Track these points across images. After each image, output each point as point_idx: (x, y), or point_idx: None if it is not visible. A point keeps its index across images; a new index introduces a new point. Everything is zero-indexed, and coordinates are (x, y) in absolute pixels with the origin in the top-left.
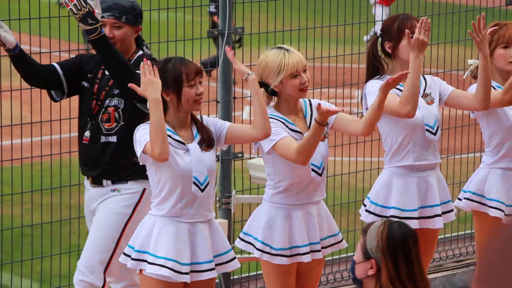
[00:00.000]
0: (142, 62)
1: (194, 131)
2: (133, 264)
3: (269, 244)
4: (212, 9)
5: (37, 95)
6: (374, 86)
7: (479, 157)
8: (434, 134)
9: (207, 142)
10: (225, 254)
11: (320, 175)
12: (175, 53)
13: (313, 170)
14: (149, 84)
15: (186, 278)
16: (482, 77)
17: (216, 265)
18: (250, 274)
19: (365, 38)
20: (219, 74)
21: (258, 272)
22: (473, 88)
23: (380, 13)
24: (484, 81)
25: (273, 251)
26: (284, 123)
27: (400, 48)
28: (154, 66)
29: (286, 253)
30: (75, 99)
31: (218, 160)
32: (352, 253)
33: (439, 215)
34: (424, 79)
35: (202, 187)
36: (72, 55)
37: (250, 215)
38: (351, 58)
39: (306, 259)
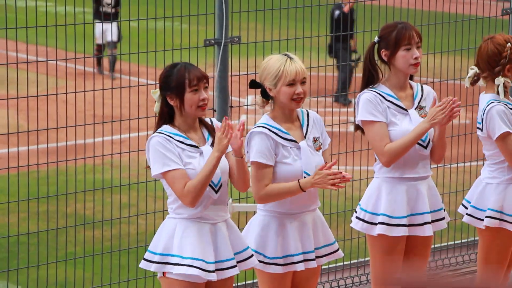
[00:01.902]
0: (224, 119)
1: (206, 133)
2: (157, 267)
3: (263, 253)
4: None
5: (33, 103)
6: (366, 97)
7: (475, 166)
8: (425, 147)
9: None
10: (244, 252)
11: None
12: (172, 61)
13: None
14: (218, 140)
15: (214, 276)
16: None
17: (237, 262)
18: (247, 282)
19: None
20: (216, 83)
21: (255, 281)
22: (483, 98)
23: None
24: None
25: (267, 260)
26: (277, 134)
27: (396, 57)
28: (231, 127)
29: (279, 262)
30: (71, 107)
31: None
32: (348, 262)
33: (429, 223)
34: (422, 90)
35: (216, 188)
36: (69, 64)
37: (246, 223)
38: (348, 67)
39: (300, 267)
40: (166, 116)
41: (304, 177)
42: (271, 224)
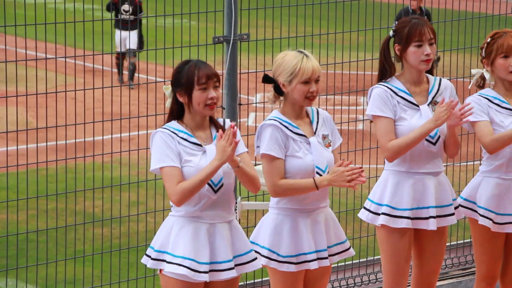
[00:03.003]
0: (230, 126)
1: (214, 132)
2: (153, 264)
3: (276, 251)
4: None
5: (42, 100)
6: (377, 92)
7: None
8: (434, 144)
9: None
10: (245, 255)
11: None
12: (180, 59)
13: (317, 173)
14: (221, 149)
15: (204, 277)
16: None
17: (236, 265)
18: (256, 280)
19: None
20: (225, 80)
21: (264, 279)
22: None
23: None
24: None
25: (280, 258)
26: (287, 127)
27: (408, 53)
28: (235, 136)
29: (293, 260)
30: (80, 104)
31: None
32: (357, 260)
33: (433, 217)
34: (439, 84)
35: (215, 188)
36: (78, 61)
37: (255, 221)
38: (357, 65)
39: (313, 266)
40: (175, 113)
41: (317, 172)
42: (284, 222)
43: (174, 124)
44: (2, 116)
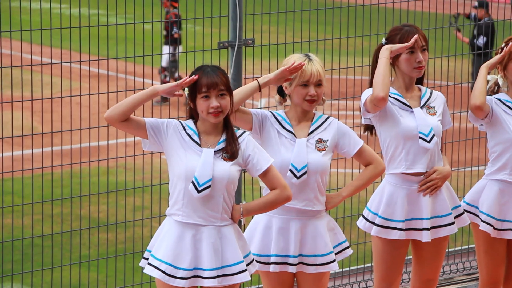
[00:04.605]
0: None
1: (222, 138)
2: (141, 262)
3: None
4: None
5: (48, 105)
6: (366, 94)
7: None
8: (429, 142)
9: (229, 153)
10: (234, 266)
11: (298, 178)
12: (185, 64)
13: (291, 171)
14: (170, 85)
15: (180, 283)
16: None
17: (224, 275)
18: (252, 287)
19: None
20: None
21: (260, 286)
22: None
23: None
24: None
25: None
26: (279, 122)
27: (400, 60)
28: (185, 80)
29: (260, 260)
30: (85, 109)
31: None
32: (361, 265)
33: (428, 229)
34: (430, 93)
35: (199, 188)
36: (84, 66)
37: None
38: (362, 70)
39: (273, 269)
40: (189, 114)
41: (290, 170)
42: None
43: (189, 122)
44: (8, 121)
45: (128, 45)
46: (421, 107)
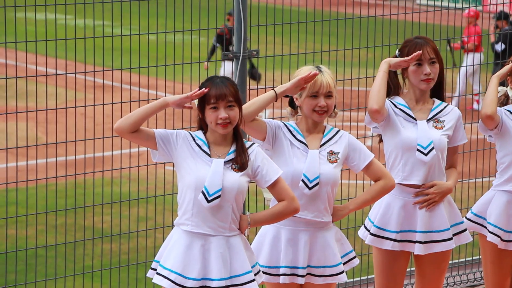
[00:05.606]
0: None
1: (232, 149)
2: (149, 273)
3: (257, 261)
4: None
5: (52, 116)
6: None
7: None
8: (426, 155)
9: (239, 164)
10: (242, 276)
11: (310, 189)
12: (190, 75)
13: (303, 181)
14: (180, 97)
15: None
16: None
17: (232, 286)
18: None
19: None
20: None
21: None
22: None
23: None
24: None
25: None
26: (291, 132)
27: (408, 72)
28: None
29: (269, 272)
30: (90, 120)
31: None
32: (365, 277)
33: (421, 242)
34: (444, 107)
35: (209, 198)
36: (88, 77)
37: None
38: (366, 81)
39: (283, 280)
40: (199, 125)
41: (302, 180)
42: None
43: (198, 132)
44: (13, 131)
45: (132, 55)
46: (427, 120)
